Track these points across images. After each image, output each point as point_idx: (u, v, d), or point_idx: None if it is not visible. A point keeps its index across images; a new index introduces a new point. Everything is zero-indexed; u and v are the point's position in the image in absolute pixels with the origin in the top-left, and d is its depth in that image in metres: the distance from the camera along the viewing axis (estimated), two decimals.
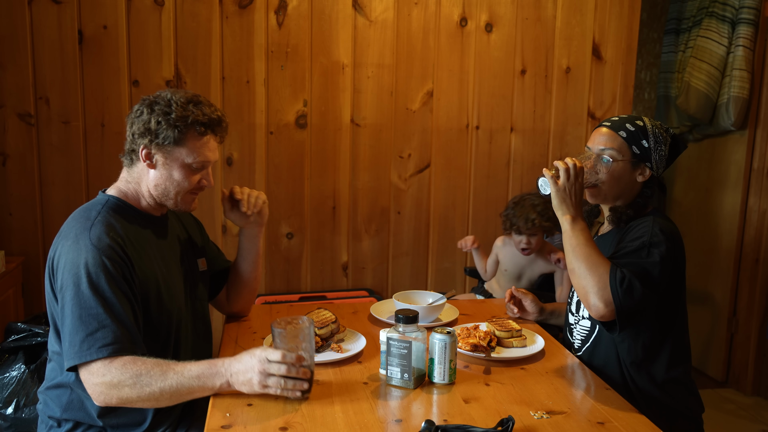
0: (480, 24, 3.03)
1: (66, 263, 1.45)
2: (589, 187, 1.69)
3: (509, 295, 1.97)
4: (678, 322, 1.66)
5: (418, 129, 3.05)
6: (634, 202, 1.69)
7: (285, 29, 2.86)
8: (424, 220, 3.13)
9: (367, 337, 1.81)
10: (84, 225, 1.49)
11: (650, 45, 3.82)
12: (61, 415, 1.54)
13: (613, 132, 1.67)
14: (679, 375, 1.66)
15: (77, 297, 1.41)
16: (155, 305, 1.54)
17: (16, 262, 2.63)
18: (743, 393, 3.30)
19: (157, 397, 1.40)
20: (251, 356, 1.39)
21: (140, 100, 1.58)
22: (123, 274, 1.45)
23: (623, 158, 1.65)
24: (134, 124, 1.54)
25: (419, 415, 1.37)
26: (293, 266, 3.03)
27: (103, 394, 1.40)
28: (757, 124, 3.21)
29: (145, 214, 1.62)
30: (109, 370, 1.38)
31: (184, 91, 1.58)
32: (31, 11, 2.65)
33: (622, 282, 1.47)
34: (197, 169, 1.58)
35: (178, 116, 1.51)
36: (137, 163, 1.57)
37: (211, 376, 1.40)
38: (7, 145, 2.70)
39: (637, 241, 1.57)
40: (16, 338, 2.03)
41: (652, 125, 1.67)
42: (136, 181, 1.59)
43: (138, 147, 1.54)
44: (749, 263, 3.26)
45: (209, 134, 1.57)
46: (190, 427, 1.60)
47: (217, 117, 1.58)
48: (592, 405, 1.44)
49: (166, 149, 1.53)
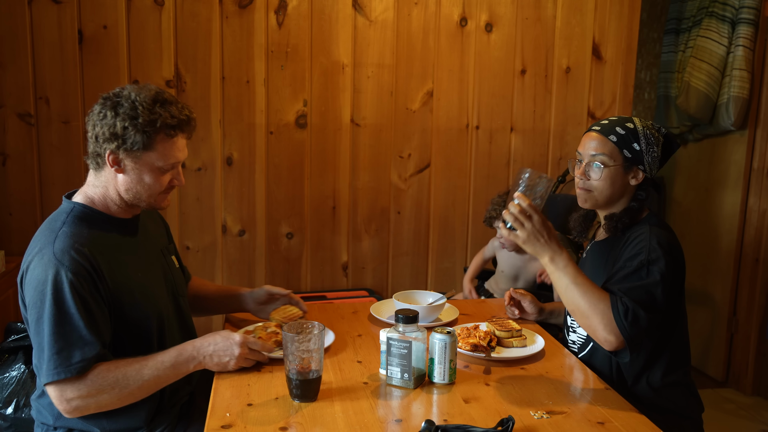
0: (480, 24, 3.03)
1: (31, 280, 1.43)
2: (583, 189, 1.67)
3: (508, 297, 1.97)
4: (678, 327, 1.66)
5: (418, 129, 3.05)
6: (629, 208, 1.66)
7: (285, 29, 2.86)
8: (424, 220, 3.13)
9: (367, 337, 1.81)
10: (48, 238, 1.45)
11: (650, 45, 3.82)
12: (54, 423, 1.53)
13: (603, 136, 1.63)
14: (678, 378, 1.66)
15: (43, 315, 1.39)
16: (132, 310, 1.52)
17: (16, 262, 2.63)
18: (743, 393, 3.30)
19: (136, 395, 1.44)
20: (226, 339, 1.50)
21: (100, 98, 1.50)
22: (89, 287, 1.42)
23: (615, 163, 1.63)
24: (97, 127, 1.47)
25: (419, 415, 1.37)
26: (293, 266, 3.03)
27: (79, 409, 1.41)
28: (757, 124, 3.21)
29: (115, 218, 1.57)
30: (84, 384, 1.39)
31: (147, 88, 1.49)
32: (31, 11, 2.64)
33: (626, 315, 1.46)
34: (167, 171, 1.54)
35: (145, 120, 1.44)
36: (104, 167, 1.51)
37: (184, 362, 1.48)
38: (7, 145, 2.70)
39: (635, 259, 1.54)
40: (16, 338, 2.03)
41: (643, 126, 1.64)
42: (103, 185, 1.53)
43: (104, 152, 1.47)
44: (749, 263, 3.26)
45: (178, 135, 1.51)
46: (189, 427, 1.60)
47: (186, 117, 1.51)
48: (592, 405, 1.44)
49: (135, 154, 1.47)
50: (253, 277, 2.98)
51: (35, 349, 1.42)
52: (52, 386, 1.40)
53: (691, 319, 3.55)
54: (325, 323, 1.67)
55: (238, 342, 1.50)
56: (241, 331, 1.72)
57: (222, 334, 1.52)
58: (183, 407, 1.65)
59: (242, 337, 1.52)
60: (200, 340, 1.51)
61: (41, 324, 1.39)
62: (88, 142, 1.51)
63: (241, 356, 1.50)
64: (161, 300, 1.62)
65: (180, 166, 1.59)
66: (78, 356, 1.38)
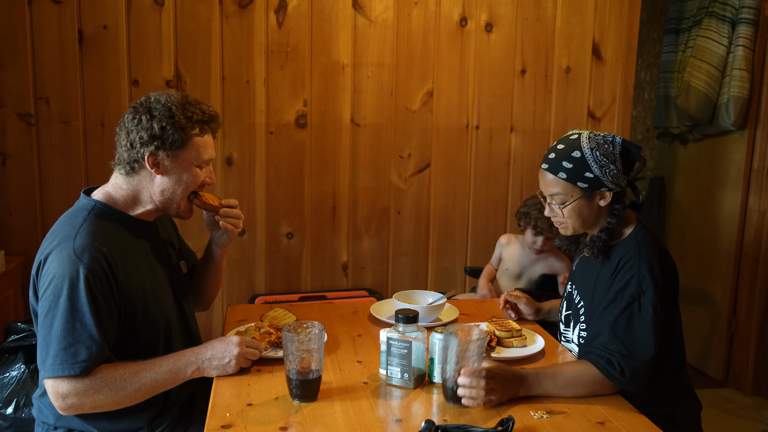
0: (480, 24, 3.03)
1: (47, 272, 1.44)
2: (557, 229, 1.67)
3: (503, 301, 1.96)
4: (675, 331, 1.65)
5: (418, 129, 3.05)
6: (605, 228, 1.62)
7: (285, 29, 2.86)
8: (424, 220, 3.13)
9: (367, 337, 1.81)
10: (68, 233, 1.47)
11: (650, 45, 3.82)
12: (54, 422, 1.54)
13: (553, 175, 1.59)
14: (675, 381, 1.66)
15: (56, 310, 1.40)
16: (142, 314, 1.54)
17: (16, 262, 2.63)
18: (743, 393, 3.30)
19: (132, 398, 1.45)
20: (226, 342, 1.53)
21: (130, 108, 1.55)
22: (103, 288, 1.44)
23: (573, 197, 1.60)
24: (133, 133, 1.51)
25: (419, 415, 1.37)
26: (293, 266, 3.03)
27: (74, 407, 1.41)
28: (757, 124, 3.21)
29: (135, 219, 1.59)
30: (83, 383, 1.40)
31: (172, 93, 1.57)
32: (31, 11, 2.64)
33: (623, 373, 1.45)
34: (202, 168, 1.59)
35: (181, 118, 1.51)
36: (140, 171, 1.54)
37: (183, 368, 1.49)
38: (7, 145, 2.70)
39: (625, 291, 1.52)
40: (16, 338, 2.03)
41: (591, 148, 1.56)
42: (134, 188, 1.57)
43: (142, 156, 1.51)
44: (749, 263, 3.26)
45: (208, 131, 1.58)
46: (189, 427, 1.60)
47: (214, 113, 1.59)
48: (592, 405, 1.44)
49: (174, 153, 1.52)
50: (253, 277, 2.98)
51: (40, 342, 1.42)
52: (52, 380, 1.40)
53: (691, 319, 3.55)
54: (325, 323, 1.67)
55: (236, 342, 1.53)
56: (232, 332, 1.76)
57: (219, 339, 1.56)
58: (183, 407, 1.65)
59: (238, 337, 1.55)
60: (199, 347, 1.54)
61: (52, 318, 1.40)
62: (120, 150, 1.54)
63: (241, 355, 1.52)
64: (169, 305, 1.64)
65: (210, 165, 1.63)
66: (84, 355, 1.39)
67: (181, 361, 1.49)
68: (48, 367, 1.39)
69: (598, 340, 1.52)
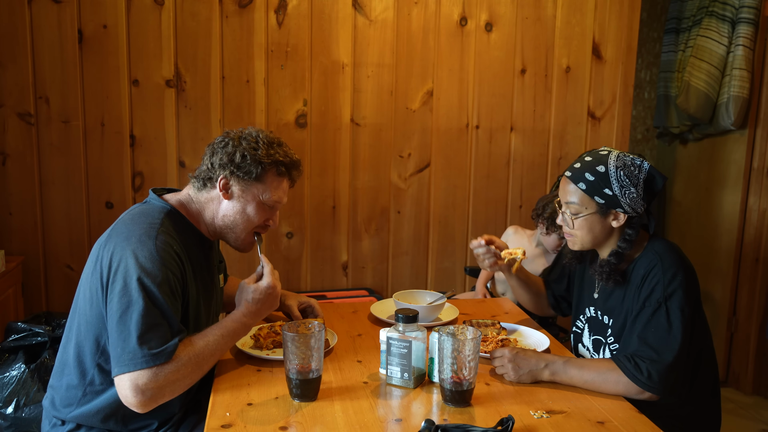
0: (480, 23, 3.03)
1: (128, 268, 1.42)
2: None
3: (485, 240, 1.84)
4: (706, 342, 1.64)
5: (418, 128, 3.05)
6: (615, 252, 1.62)
7: (285, 29, 2.86)
8: (424, 220, 3.13)
9: (367, 337, 1.81)
10: (148, 232, 1.47)
11: (650, 44, 3.82)
12: (65, 417, 1.53)
13: (573, 184, 1.60)
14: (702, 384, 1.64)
15: (136, 305, 1.38)
16: (193, 323, 1.55)
17: (15, 262, 2.63)
18: (743, 392, 3.30)
19: (206, 370, 1.47)
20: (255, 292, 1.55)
21: (224, 132, 1.63)
22: (176, 289, 1.46)
23: (588, 211, 1.60)
24: (216, 154, 1.58)
25: (419, 415, 1.37)
26: (293, 266, 3.03)
27: (154, 398, 1.38)
28: (757, 124, 3.21)
29: (200, 233, 1.63)
30: (162, 370, 1.37)
31: (269, 133, 1.63)
32: (31, 11, 2.64)
33: (651, 378, 1.45)
34: (269, 208, 1.62)
35: (263, 154, 1.56)
36: (210, 191, 1.60)
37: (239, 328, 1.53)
38: (7, 144, 2.70)
39: (652, 298, 1.52)
40: (16, 338, 2.03)
41: (617, 167, 1.56)
42: (202, 205, 1.61)
43: (217, 176, 1.57)
44: (749, 263, 3.26)
45: (286, 176, 1.62)
46: (194, 428, 1.60)
47: (297, 160, 1.64)
48: (592, 405, 1.44)
49: (245, 183, 1.57)
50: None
51: (115, 338, 1.39)
52: (130, 375, 1.36)
53: None
54: (325, 323, 1.67)
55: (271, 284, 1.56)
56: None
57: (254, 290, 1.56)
58: (187, 407, 1.65)
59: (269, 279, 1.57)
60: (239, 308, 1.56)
61: (132, 313, 1.38)
62: (202, 166, 1.61)
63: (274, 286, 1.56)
64: (208, 321, 1.65)
65: (278, 211, 1.66)
66: (166, 346, 1.38)
67: (232, 318, 1.53)
68: (128, 361, 1.36)
69: (629, 349, 1.52)
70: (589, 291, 1.78)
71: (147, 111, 2.78)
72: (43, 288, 2.79)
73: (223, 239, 1.65)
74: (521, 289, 1.94)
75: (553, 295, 1.95)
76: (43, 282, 2.79)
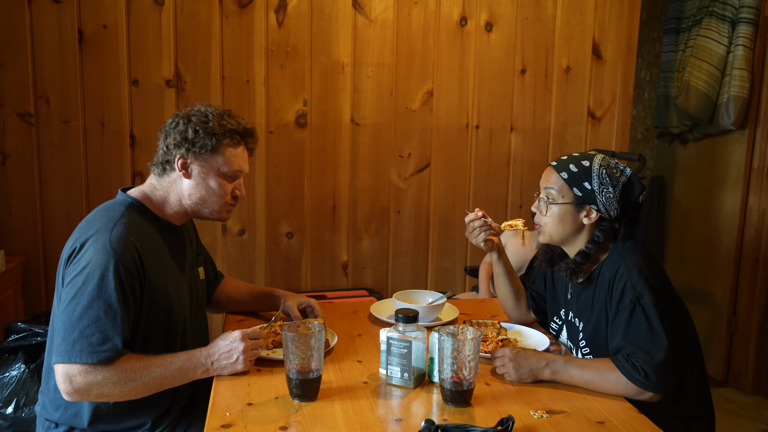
0: (480, 23, 3.03)
1: (81, 259, 1.45)
2: None
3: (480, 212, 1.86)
4: (687, 330, 1.65)
5: (418, 128, 3.05)
6: (582, 251, 1.64)
7: (285, 28, 2.86)
8: (424, 220, 3.13)
9: (367, 337, 1.81)
10: (106, 224, 1.49)
11: (650, 44, 3.82)
12: (58, 419, 1.54)
13: (556, 172, 1.64)
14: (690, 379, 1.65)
15: (83, 297, 1.41)
16: (165, 314, 1.55)
17: (15, 262, 2.63)
18: (743, 392, 3.30)
19: (139, 391, 1.44)
20: (226, 339, 1.51)
21: (173, 114, 1.61)
22: (132, 283, 1.46)
23: (564, 200, 1.63)
24: (169, 135, 1.57)
25: (419, 415, 1.37)
26: (293, 266, 3.03)
27: (80, 393, 1.40)
28: (757, 124, 3.21)
29: (165, 222, 1.63)
30: (94, 372, 1.39)
31: (218, 106, 1.63)
32: (31, 11, 2.64)
33: (648, 377, 1.45)
34: (231, 179, 1.61)
35: (215, 125, 1.55)
36: (170, 173, 1.59)
37: (192, 368, 1.48)
38: (7, 144, 2.70)
39: (625, 300, 1.53)
40: (16, 338, 2.03)
41: (600, 166, 1.62)
42: (165, 190, 1.61)
43: (173, 157, 1.56)
44: (749, 263, 3.26)
45: (242, 144, 1.61)
46: (189, 427, 1.60)
47: (251, 128, 1.63)
48: (592, 405, 1.44)
49: (202, 158, 1.56)
50: (253, 277, 2.98)
51: (59, 327, 1.41)
52: (65, 365, 1.39)
53: None
54: (325, 323, 1.67)
55: (239, 337, 1.51)
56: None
57: (221, 337, 1.54)
58: (183, 407, 1.65)
59: (239, 331, 1.53)
60: (207, 347, 1.53)
61: (76, 304, 1.40)
62: (158, 152, 1.61)
63: (247, 349, 1.50)
64: (186, 310, 1.65)
65: (242, 179, 1.65)
66: (105, 346, 1.39)
67: (191, 361, 1.49)
68: (64, 352, 1.39)
69: (622, 353, 1.52)
70: (562, 294, 1.80)
71: (147, 111, 2.78)
72: (43, 288, 2.79)
73: (199, 217, 1.65)
74: (505, 278, 1.89)
75: (532, 296, 1.94)
76: (43, 282, 2.79)
